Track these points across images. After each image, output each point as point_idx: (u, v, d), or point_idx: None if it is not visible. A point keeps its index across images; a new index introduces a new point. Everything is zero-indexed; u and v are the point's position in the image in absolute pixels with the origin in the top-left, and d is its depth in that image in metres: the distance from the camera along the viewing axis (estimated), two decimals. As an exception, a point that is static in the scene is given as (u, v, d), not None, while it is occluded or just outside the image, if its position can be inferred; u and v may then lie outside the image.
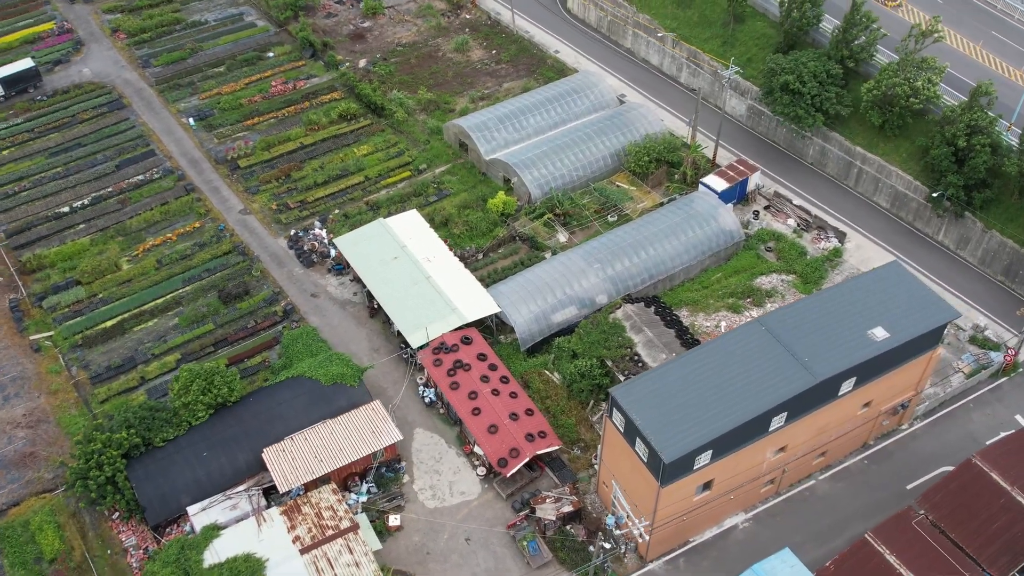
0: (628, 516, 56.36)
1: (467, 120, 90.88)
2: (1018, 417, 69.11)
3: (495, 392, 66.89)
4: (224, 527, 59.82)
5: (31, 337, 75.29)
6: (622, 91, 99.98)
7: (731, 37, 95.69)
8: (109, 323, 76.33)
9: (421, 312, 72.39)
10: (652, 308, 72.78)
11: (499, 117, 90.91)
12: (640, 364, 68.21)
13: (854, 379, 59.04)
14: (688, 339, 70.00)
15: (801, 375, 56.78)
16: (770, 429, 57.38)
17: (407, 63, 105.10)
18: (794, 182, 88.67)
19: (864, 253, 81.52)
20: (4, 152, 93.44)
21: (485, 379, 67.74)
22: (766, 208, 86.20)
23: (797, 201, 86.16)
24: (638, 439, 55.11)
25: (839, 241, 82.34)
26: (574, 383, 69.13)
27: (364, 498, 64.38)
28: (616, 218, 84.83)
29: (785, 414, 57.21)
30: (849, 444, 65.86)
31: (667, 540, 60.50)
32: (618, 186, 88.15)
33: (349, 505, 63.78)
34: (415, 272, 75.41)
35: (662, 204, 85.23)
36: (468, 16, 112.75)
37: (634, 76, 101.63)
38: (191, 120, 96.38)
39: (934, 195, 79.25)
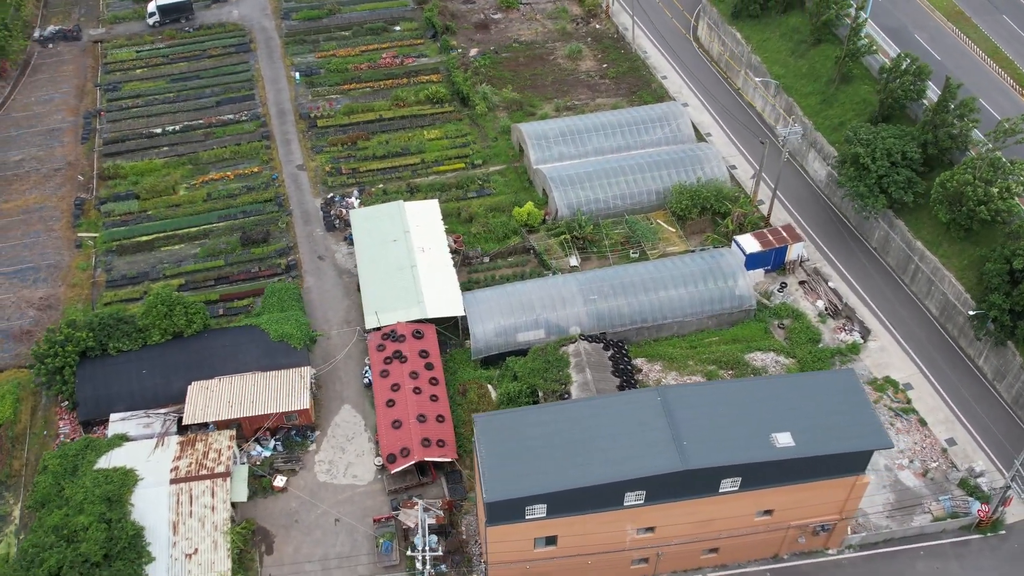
0: (424, 546, 55.18)
1: (529, 126, 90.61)
2: (972, 583, 60.18)
3: (416, 390, 67.33)
4: (131, 440, 65.10)
5: (79, 234, 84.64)
6: (711, 130, 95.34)
7: (831, 96, 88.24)
8: (145, 238, 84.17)
9: (390, 296, 73.93)
10: (609, 352, 69.85)
11: (562, 130, 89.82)
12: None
13: (739, 479, 54.03)
14: (630, 393, 66.59)
15: (669, 458, 52.83)
16: (625, 504, 53.96)
17: (515, 60, 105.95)
18: (848, 264, 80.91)
19: (885, 358, 73.30)
20: (138, 71, 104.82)
21: (414, 375, 68.30)
22: (801, 283, 79.54)
23: (835, 283, 78.76)
24: (480, 471, 53.93)
25: (862, 337, 74.56)
26: (502, 404, 68.09)
27: (268, 453, 67.42)
28: (638, 254, 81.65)
29: (643, 492, 53.54)
30: (752, 549, 60.27)
31: (515, 585, 58.68)
32: (658, 223, 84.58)
33: (252, 455, 67.21)
34: (405, 258, 76.92)
35: (689, 252, 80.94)
36: (597, 26, 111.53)
37: (730, 118, 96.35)
38: (297, 74, 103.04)
39: (971, 313, 69.72)
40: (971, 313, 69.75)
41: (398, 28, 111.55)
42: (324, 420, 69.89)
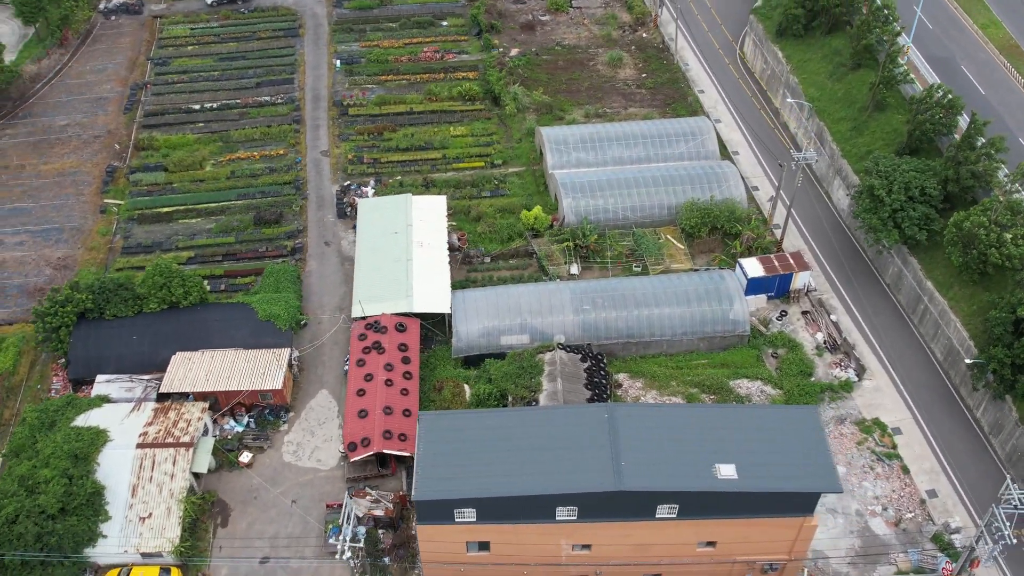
0: (345, 535, 55.53)
1: (551, 130, 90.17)
2: (926, 643, 57.48)
3: (388, 382, 67.84)
4: (111, 401, 67.56)
5: (105, 200, 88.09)
6: (740, 148, 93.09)
7: (863, 124, 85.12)
8: (166, 209, 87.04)
9: (380, 287, 74.66)
10: (586, 363, 69.10)
11: (583, 136, 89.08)
12: (533, 411, 65.56)
13: (676, 507, 52.83)
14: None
15: (604, 476, 52.04)
16: (557, 518, 53.35)
17: (555, 63, 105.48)
18: (857, 298, 77.98)
19: (878, 399, 70.46)
20: (189, 48, 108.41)
21: (389, 367, 68.85)
22: (804, 313, 77.09)
23: (839, 317, 76.08)
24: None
25: (857, 375, 71.85)
26: (472, 405, 68.12)
27: (241, 428, 69.05)
28: (641, 268, 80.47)
29: (576, 509, 52.87)
30: (696, 580, 58.84)
31: (452, 584, 58.75)
32: (668, 239, 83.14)
33: (226, 429, 68.94)
34: (402, 251, 77.52)
35: (693, 270, 79.34)
36: (644, 35, 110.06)
37: (762, 137, 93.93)
38: (338, 62, 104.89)
39: (969, 361, 66.45)
40: (968, 362, 66.52)
41: (445, 23, 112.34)
42: (300, 402, 71.17)
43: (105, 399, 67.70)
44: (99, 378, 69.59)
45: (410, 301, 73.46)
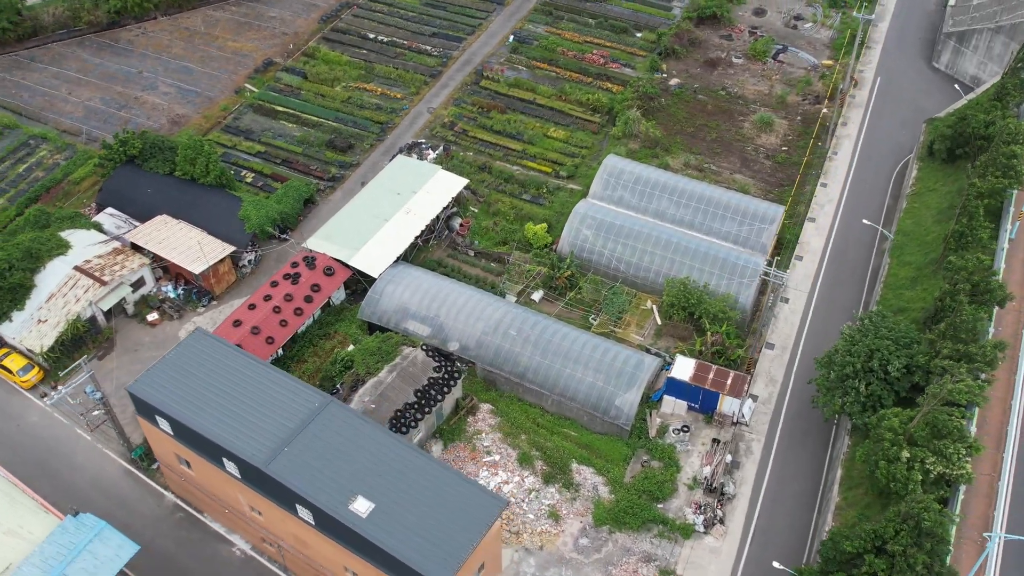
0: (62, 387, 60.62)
1: (613, 160, 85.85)
2: None
3: (277, 309, 72.54)
4: (101, 231, 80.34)
5: (245, 84, 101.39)
6: (809, 256, 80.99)
7: (923, 278, 69.97)
8: (280, 108, 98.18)
9: (343, 232, 78.78)
10: (438, 373, 67.69)
11: (639, 178, 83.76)
12: (353, 390, 66.41)
13: (310, 514, 52.16)
14: (405, 423, 64.23)
15: (259, 451, 53.21)
16: (225, 468, 55.24)
17: (703, 106, 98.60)
18: (787, 454, 66.45)
19: (705, 560, 60.57)
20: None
21: (288, 297, 73.43)
22: (715, 441, 67.48)
23: (740, 461, 65.54)
24: (157, 368, 59.09)
25: (704, 527, 62.03)
26: (330, 363, 70.54)
27: (173, 296, 78.36)
28: (596, 322, 75.47)
29: (236, 468, 54.45)
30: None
31: (185, 492, 63.16)
32: (652, 308, 76.60)
33: (163, 290, 78.71)
34: (387, 210, 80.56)
35: (642, 348, 72.81)
36: (825, 110, 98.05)
37: (843, 255, 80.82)
38: (512, 38, 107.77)
39: (776, 564, 54.46)
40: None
41: (640, 35, 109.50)
42: (229, 297, 78.62)
43: (97, 226, 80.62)
44: (107, 210, 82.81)
45: (351, 254, 76.83)
